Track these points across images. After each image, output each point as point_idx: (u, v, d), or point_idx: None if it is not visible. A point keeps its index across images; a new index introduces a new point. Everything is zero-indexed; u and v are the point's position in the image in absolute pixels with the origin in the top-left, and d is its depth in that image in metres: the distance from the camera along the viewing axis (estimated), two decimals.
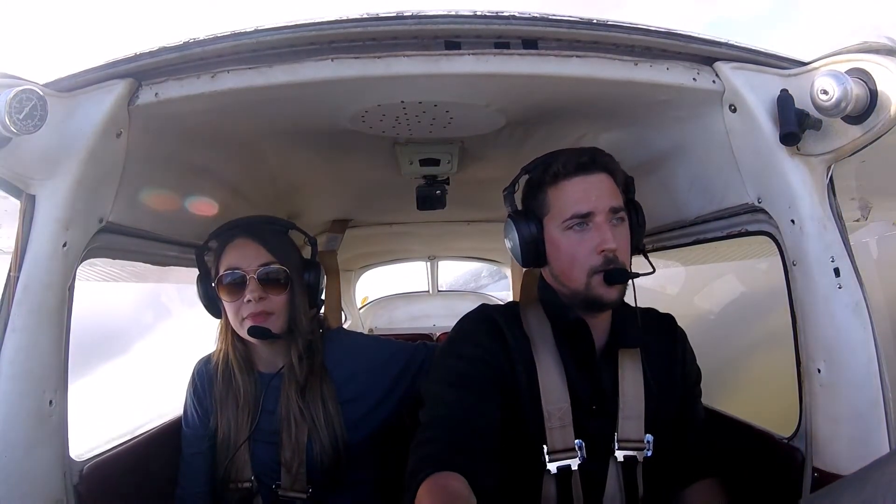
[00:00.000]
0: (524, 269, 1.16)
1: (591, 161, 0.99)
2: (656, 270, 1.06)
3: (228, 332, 1.21)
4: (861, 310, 0.87)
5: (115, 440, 1.14)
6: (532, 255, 1.02)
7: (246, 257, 1.16)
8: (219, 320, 1.24)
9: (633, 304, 1.05)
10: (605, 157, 1.02)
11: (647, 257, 1.09)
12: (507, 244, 1.07)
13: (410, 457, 0.87)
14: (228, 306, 1.17)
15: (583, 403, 0.99)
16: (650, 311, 1.14)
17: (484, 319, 1.04)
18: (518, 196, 1.09)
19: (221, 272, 1.16)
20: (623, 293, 0.99)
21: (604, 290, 0.96)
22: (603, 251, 0.95)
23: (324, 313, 1.33)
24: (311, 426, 1.16)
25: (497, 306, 1.10)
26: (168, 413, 1.34)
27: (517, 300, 1.27)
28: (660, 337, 1.08)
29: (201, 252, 1.24)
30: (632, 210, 1.05)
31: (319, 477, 1.16)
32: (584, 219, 0.97)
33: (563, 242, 0.99)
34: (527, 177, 1.07)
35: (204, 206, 1.31)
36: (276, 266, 1.16)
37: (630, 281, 1.00)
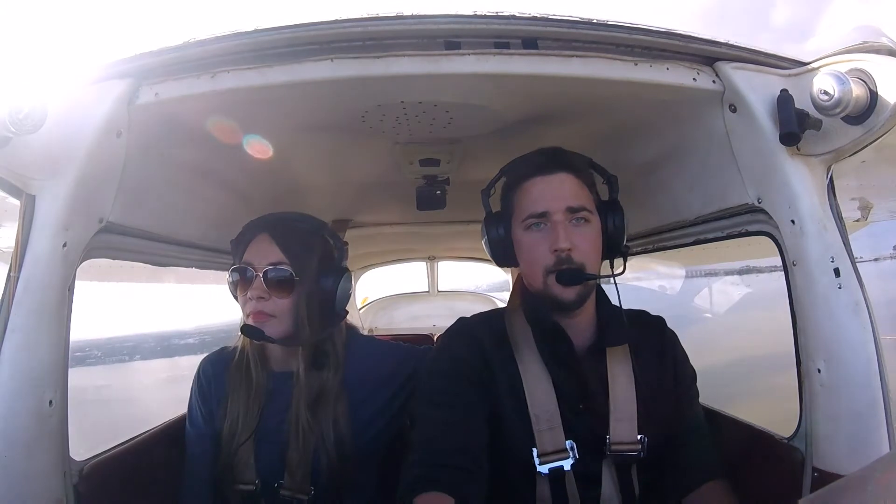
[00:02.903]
0: (517, 273, 1.17)
1: (548, 161, 1.00)
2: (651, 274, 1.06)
3: None
4: (861, 310, 0.87)
5: None
6: (501, 255, 1.06)
7: (259, 254, 1.14)
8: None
9: (619, 305, 1.05)
10: (565, 156, 1.02)
11: (624, 259, 1.06)
12: (483, 243, 1.10)
13: (401, 479, 0.88)
14: (239, 300, 1.17)
15: (570, 404, 0.98)
16: (641, 314, 1.13)
17: (460, 333, 1.05)
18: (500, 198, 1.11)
19: (236, 265, 1.16)
20: (583, 295, 0.98)
21: (559, 290, 0.96)
22: (556, 251, 0.96)
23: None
24: (319, 440, 1.14)
25: (477, 316, 1.10)
26: None
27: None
28: (650, 338, 1.08)
29: (235, 243, 1.22)
30: (609, 211, 1.03)
31: (323, 481, 1.15)
32: (540, 219, 0.98)
33: (523, 242, 1.01)
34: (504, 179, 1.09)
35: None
36: (284, 267, 1.13)
37: (613, 281, 1.01)
